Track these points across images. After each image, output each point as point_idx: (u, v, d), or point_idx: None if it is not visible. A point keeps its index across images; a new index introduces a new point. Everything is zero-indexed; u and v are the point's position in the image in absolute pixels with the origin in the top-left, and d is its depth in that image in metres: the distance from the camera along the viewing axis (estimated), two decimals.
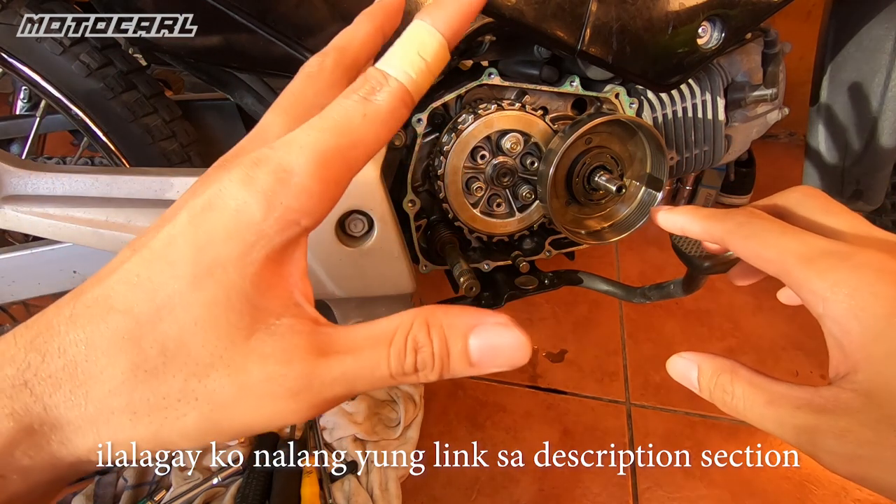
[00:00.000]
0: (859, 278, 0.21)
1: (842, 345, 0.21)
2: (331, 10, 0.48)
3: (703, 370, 0.25)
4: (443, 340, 0.18)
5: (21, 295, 0.58)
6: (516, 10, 0.50)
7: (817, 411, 0.21)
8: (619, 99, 0.61)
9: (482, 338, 0.17)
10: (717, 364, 0.25)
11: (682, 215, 0.30)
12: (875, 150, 0.70)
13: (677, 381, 0.27)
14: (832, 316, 0.22)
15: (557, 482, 0.85)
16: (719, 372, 0.25)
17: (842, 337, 0.21)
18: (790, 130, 1.96)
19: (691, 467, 0.87)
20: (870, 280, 0.21)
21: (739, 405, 0.23)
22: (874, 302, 0.20)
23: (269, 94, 0.62)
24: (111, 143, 0.58)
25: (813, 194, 0.27)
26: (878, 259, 0.21)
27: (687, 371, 0.26)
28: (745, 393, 0.23)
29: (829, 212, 0.25)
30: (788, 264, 0.23)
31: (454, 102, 0.59)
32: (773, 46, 0.65)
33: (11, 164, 0.49)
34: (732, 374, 0.24)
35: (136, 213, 0.53)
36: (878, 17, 0.66)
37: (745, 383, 0.23)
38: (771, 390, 0.23)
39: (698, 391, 0.26)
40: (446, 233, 0.64)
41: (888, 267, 0.21)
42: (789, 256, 0.23)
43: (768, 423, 0.22)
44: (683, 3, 0.53)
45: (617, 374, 1.04)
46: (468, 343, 0.17)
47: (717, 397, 0.24)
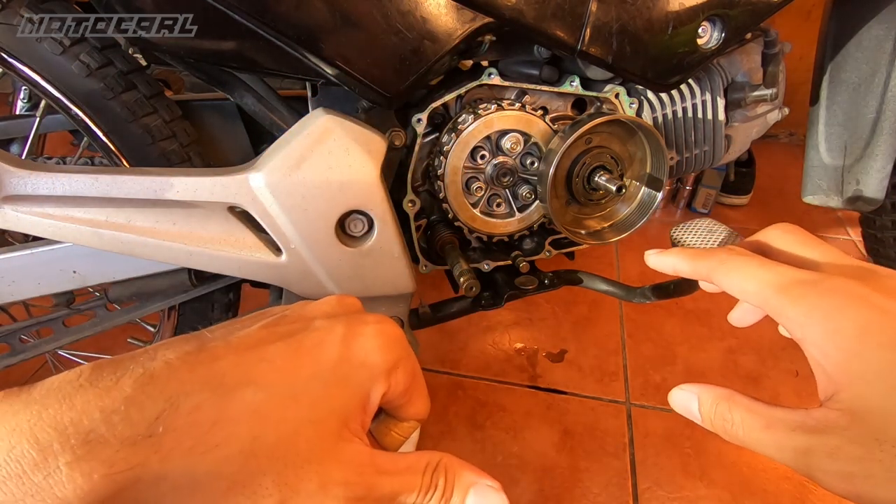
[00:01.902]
0: (829, 302, 0.23)
1: (823, 367, 0.23)
2: (331, 10, 0.48)
3: (703, 400, 0.26)
4: (451, 488, 0.22)
5: (21, 295, 0.58)
6: (516, 10, 0.50)
7: (810, 432, 0.22)
8: (619, 99, 0.61)
9: (478, 496, 0.22)
10: (715, 393, 0.26)
11: (673, 257, 0.32)
12: (875, 150, 0.70)
13: (680, 413, 0.27)
14: (810, 340, 0.23)
15: (557, 482, 0.85)
16: (718, 400, 0.25)
17: (822, 359, 0.23)
18: (790, 130, 1.96)
19: (691, 467, 0.87)
20: (838, 303, 0.22)
21: (739, 432, 0.24)
22: (846, 324, 0.22)
23: (269, 94, 0.62)
24: (111, 143, 0.58)
25: (790, 230, 0.29)
26: (845, 284, 0.23)
27: (688, 402, 0.27)
28: (744, 419, 0.24)
29: (806, 245, 0.27)
30: (766, 294, 0.25)
31: (454, 102, 0.59)
32: (773, 46, 0.65)
33: (11, 164, 0.49)
34: (730, 402, 0.25)
35: (136, 213, 0.53)
36: (878, 17, 0.66)
37: (743, 409, 0.24)
38: (767, 415, 0.23)
39: (700, 422, 0.26)
40: (446, 233, 0.64)
41: (855, 290, 0.22)
42: (766, 287, 0.25)
43: (767, 448, 0.23)
44: (683, 3, 0.53)
45: (617, 374, 1.04)
46: (466, 496, 0.22)
47: (719, 426, 0.25)
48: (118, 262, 0.58)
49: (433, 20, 0.50)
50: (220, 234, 0.54)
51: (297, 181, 0.51)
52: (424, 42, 0.51)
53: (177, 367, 0.19)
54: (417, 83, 0.53)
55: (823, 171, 0.76)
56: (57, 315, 0.69)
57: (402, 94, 0.53)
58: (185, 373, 0.19)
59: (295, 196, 0.52)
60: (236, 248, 0.55)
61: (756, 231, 0.31)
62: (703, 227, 0.36)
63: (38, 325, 0.69)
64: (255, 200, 0.52)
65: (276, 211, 0.53)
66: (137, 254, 0.53)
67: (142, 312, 0.67)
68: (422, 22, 0.50)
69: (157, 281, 0.63)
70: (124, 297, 0.64)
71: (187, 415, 0.18)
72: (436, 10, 0.50)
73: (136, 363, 0.19)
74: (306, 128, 0.52)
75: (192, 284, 0.64)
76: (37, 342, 0.68)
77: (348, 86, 0.52)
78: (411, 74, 0.52)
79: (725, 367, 1.06)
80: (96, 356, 0.78)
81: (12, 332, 0.68)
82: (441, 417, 0.95)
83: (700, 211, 1.55)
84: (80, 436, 0.16)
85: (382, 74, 0.51)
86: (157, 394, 0.18)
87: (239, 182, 0.52)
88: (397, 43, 0.50)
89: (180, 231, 0.53)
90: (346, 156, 0.52)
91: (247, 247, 0.55)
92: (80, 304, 0.69)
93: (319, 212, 0.53)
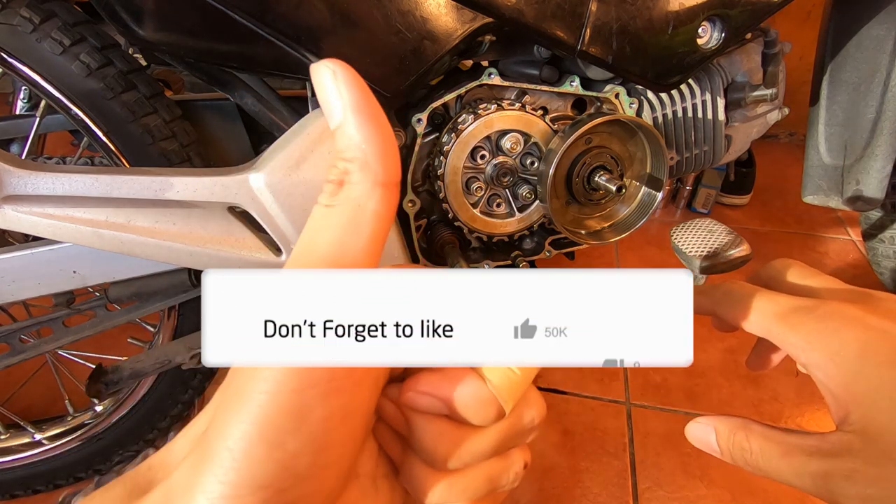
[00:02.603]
0: (827, 326, 0.23)
1: (829, 389, 0.23)
2: (331, 10, 0.48)
3: (720, 431, 0.26)
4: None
5: (21, 295, 0.58)
6: (516, 10, 0.50)
7: (827, 456, 0.22)
8: (619, 99, 0.61)
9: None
10: (732, 423, 0.26)
11: None
12: (875, 151, 0.70)
13: (699, 447, 0.27)
14: (814, 364, 0.23)
15: (557, 482, 0.85)
16: (734, 430, 0.25)
17: (828, 382, 0.23)
18: (790, 130, 1.96)
19: (691, 467, 0.87)
20: (836, 326, 0.23)
21: (760, 461, 0.24)
22: (845, 345, 0.22)
23: (269, 94, 0.62)
24: (111, 143, 0.58)
25: (789, 263, 0.30)
26: (841, 308, 0.24)
27: (706, 436, 0.27)
28: (762, 447, 0.24)
29: (804, 275, 0.28)
30: (768, 323, 0.25)
31: (454, 102, 0.59)
32: (773, 46, 0.65)
33: (11, 164, 0.49)
34: (747, 431, 0.25)
35: (136, 213, 0.53)
36: (878, 17, 0.66)
37: (761, 438, 0.24)
38: (784, 441, 0.23)
39: (720, 455, 0.26)
40: (446, 233, 0.64)
41: (851, 313, 0.23)
42: (767, 316, 0.25)
43: (787, 475, 0.23)
44: (683, 3, 0.53)
45: (617, 373, 1.04)
46: None
47: (738, 456, 0.25)
48: (118, 262, 0.58)
49: (433, 20, 0.50)
50: (220, 234, 0.54)
51: (297, 181, 0.51)
52: (424, 42, 0.51)
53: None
54: (417, 83, 0.53)
55: (823, 171, 0.76)
56: (57, 315, 0.69)
57: (402, 94, 0.53)
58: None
59: (295, 196, 0.52)
60: (236, 248, 0.55)
61: (756, 231, 0.31)
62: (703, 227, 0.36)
63: (38, 325, 0.69)
64: (255, 200, 0.52)
65: (276, 211, 0.53)
66: (137, 254, 0.53)
67: (142, 312, 0.67)
68: (422, 22, 0.50)
69: (157, 281, 0.63)
70: (124, 297, 0.64)
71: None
72: (436, 10, 0.50)
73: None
74: (306, 128, 0.52)
75: (192, 284, 0.64)
76: (37, 342, 0.68)
77: None
78: (411, 74, 0.52)
79: (725, 367, 1.06)
80: (96, 356, 0.78)
81: (12, 332, 0.68)
82: None
83: (700, 211, 1.55)
84: None
85: (382, 74, 0.51)
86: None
87: (239, 182, 0.52)
88: (397, 43, 0.50)
89: (180, 231, 0.53)
90: None
91: (247, 247, 0.55)
92: (80, 304, 0.69)
93: None
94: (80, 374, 0.85)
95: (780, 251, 1.35)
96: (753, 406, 0.96)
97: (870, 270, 1.14)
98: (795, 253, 1.34)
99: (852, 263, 1.33)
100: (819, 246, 1.40)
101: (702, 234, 0.35)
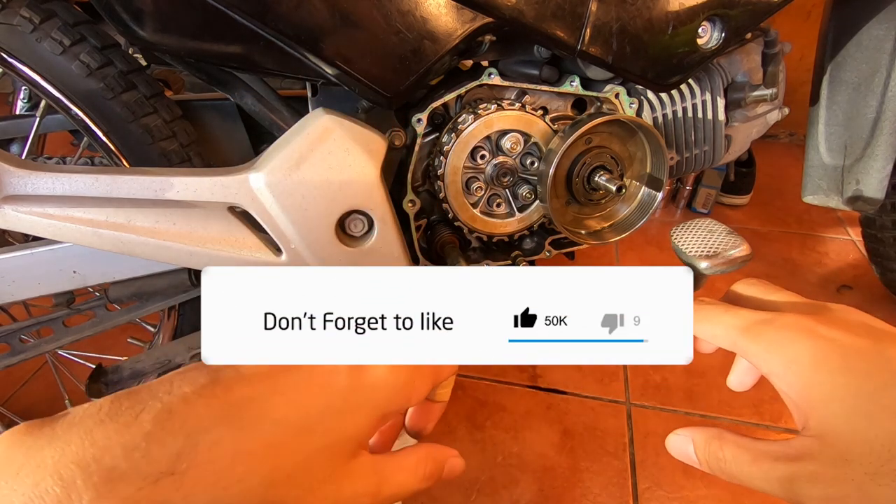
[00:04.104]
0: (784, 336, 0.25)
1: (790, 397, 0.24)
2: (331, 11, 0.48)
3: (697, 442, 0.27)
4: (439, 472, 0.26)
5: (21, 295, 0.58)
6: (516, 10, 0.50)
7: (791, 460, 0.23)
8: (619, 99, 0.61)
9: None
10: (707, 434, 0.27)
11: None
12: (875, 151, 0.70)
13: (679, 459, 0.29)
14: (774, 373, 0.25)
15: (557, 482, 0.85)
16: (709, 440, 0.27)
17: (787, 389, 0.24)
18: (790, 130, 1.96)
19: (691, 468, 0.87)
20: (791, 336, 0.24)
21: (732, 468, 0.25)
22: (800, 355, 0.24)
23: (269, 94, 0.62)
24: (111, 143, 0.58)
25: (753, 282, 0.31)
26: (796, 319, 0.25)
27: (684, 447, 0.28)
28: (734, 455, 0.25)
29: (768, 292, 0.30)
30: (732, 336, 0.27)
31: (454, 102, 0.59)
32: (773, 46, 0.65)
33: (11, 164, 0.49)
34: (721, 441, 0.26)
35: (136, 213, 0.53)
36: (878, 17, 0.66)
37: (733, 446, 0.26)
38: (754, 448, 0.25)
39: (698, 465, 0.27)
40: (446, 233, 0.64)
41: (805, 324, 0.25)
42: (731, 330, 0.27)
43: (757, 481, 0.24)
44: (683, 3, 0.53)
45: (617, 373, 1.04)
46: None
47: (714, 465, 0.26)
48: (118, 262, 0.58)
49: (433, 20, 0.50)
50: (220, 234, 0.54)
51: (297, 181, 0.51)
52: (424, 42, 0.51)
53: (193, 402, 0.19)
54: (417, 83, 0.53)
55: (823, 171, 0.76)
56: (57, 315, 0.69)
57: (403, 94, 0.53)
58: (202, 407, 0.19)
59: (295, 196, 0.52)
60: (236, 248, 0.55)
61: (756, 231, 0.32)
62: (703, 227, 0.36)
63: (38, 325, 0.69)
64: (255, 200, 0.52)
65: (276, 211, 0.53)
66: (137, 254, 0.53)
67: (142, 312, 0.67)
68: (422, 22, 0.50)
69: (157, 281, 0.63)
70: (124, 297, 0.64)
71: (207, 451, 0.18)
72: (436, 10, 0.50)
73: (153, 398, 0.19)
74: (306, 128, 0.52)
75: (192, 284, 0.64)
76: (37, 342, 0.68)
77: (348, 86, 0.52)
78: (411, 74, 0.52)
79: (725, 367, 1.06)
80: (96, 356, 0.78)
81: (12, 332, 0.68)
82: (441, 417, 0.95)
83: (700, 211, 1.55)
84: (102, 473, 0.16)
85: (382, 74, 0.51)
86: (176, 430, 0.18)
87: (239, 182, 0.52)
88: (397, 43, 0.50)
89: (180, 231, 0.53)
90: (346, 156, 0.52)
91: (247, 247, 0.55)
92: (80, 304, 0.69)
93: (319, 212, 0.53)
94: (80, 373, 0.85)
95: (780, 251, 1.35)
96: (753, 406, 0.96)
97: (870, 270, 1.14)
98: (795, 253, 1.34)
99: (852, 263, 1.33)
100: (819, 246, 1.39)
101: (702, 234, 0.35)
